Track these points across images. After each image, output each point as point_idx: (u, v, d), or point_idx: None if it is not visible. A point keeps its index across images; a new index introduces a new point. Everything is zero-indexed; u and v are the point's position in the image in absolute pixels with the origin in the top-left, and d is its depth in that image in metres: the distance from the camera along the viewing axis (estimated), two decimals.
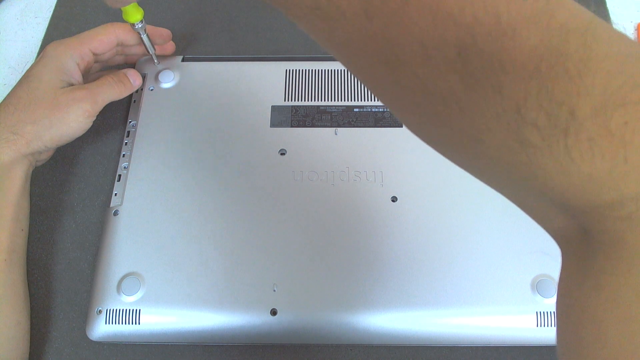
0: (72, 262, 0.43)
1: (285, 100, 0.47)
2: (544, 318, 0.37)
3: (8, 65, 0.54)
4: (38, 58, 0.43)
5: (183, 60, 0.50)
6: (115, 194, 0.43)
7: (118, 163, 0.45)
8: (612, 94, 0.16)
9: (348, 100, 0.47)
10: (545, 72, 0.16)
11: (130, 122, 0.46)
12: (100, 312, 0.38)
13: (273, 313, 0.37)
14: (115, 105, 0.49)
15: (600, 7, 0.56)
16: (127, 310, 0.38)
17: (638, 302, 0.16)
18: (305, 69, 0.48)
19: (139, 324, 0.37)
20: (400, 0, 0.17)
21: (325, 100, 0.47)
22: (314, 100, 0.47)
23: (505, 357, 0.39)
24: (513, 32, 0.16)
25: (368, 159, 0.43)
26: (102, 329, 0.38)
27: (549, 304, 0.37)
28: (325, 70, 0.48)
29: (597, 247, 0.18)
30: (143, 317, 0.38)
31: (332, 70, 0.48)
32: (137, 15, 0.43)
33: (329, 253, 0.39)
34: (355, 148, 0.44)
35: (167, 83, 0.48)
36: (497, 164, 0.19)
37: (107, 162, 0.47)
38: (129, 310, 0.38)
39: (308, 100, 0.47)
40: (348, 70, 0.25)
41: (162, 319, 0.38)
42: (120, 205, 0.42)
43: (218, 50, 0.54)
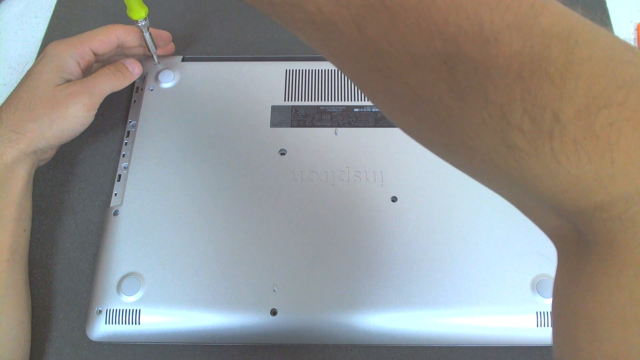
0: (72, 262, 0.43)
1: (285, 100, 0.47)
2: (544, 318, 0.37)
3: (8, 65, 0.54)
4: (39, 57, 0.43)
5: (183, 60, 0.50)
6: (115, 194, 0.43)
7: (118, 163, 0.45)
8: (595, 96, 0.16)
9: (348, 100, 0.47)
10: (528, 77, 0.16)
11: (130, 122, 0.46)
12: (100, 312, 0.38)
13: (273, 313, 0.37)
14: (115, 105, 0.49)
15: (600, 7, 0.56)
16: (127, 310, 0.38)
17: (631, 303, 0.16)
18: (305, 69, 0.48)
19: (139, 324, 0.37)
20: (388, 13, 0.18)
21: (325, 100, 0.47)
22: (314, 100, 0.47)
23: (505, 357, 0.39)
24: (496, 39, 0.17)
25: (368, 159, 0.43)
26: (102, 329, 0.38)
27: (549, 304, 0.37)
28: (325, 70, 0.48)
29: (589, 247, 0.18)
30: (143, 317, 0.38)
31: (332, 70, 0.48)
32: (141, 13, 0.43)
33: (329, 253, 0.39)
34: (355, 148, 0.44)
35: (167, 83, 0.48)
36: (488, 168, 0.19)
37: (107, 162, 0.47)
38: (129, 310, 0.38)
39: (308, 100, 0.47)
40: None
41: (162, 319, 0.38)
42: (120, 205, 0.42)
43: (218, 50, 0.54)
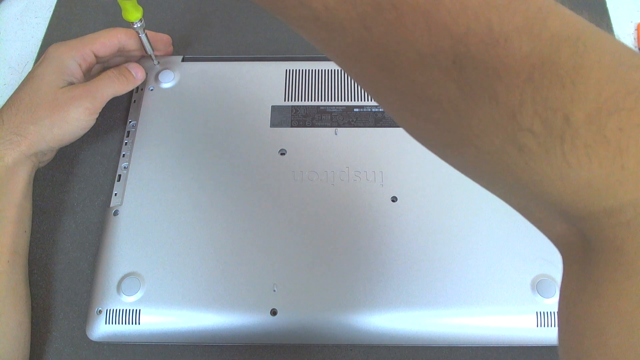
0: (72, 262, 0.43)
1: (285, 100, 0.47)
2: (544, 318, 0.37)
3: (8, 66, 0.54)
4: (40, 59, 0.43)
5: (183, 60, 0.50)
6: (115, 194, 0.43)
7: (118, 163, 0.44)
8: (605, 101, 0.16)
9: (348, 100, 0.47)
10: (539, 79, 0.16)
11: (130, 122, 0.46)
12: (100, 312, 0.38)
13: (273, 313, 0.37)
14: (115, 105, 0.49)
15: (600, 7, 0.56)
16: (127, 310, 0.38)
17: (638, 309, 0.16)
18: (305, 69, 0.48)
19: (139, 324, 0.37)
20: (396, 12, 0.18)
21: (325, 100, 0.47)
22: (314, 100, 0.47)
23: (505, 357, 0.39)
24: (505, 41, 0.17)
25: (368, 159, 0.43)
26: (102, 329, 0.38)
27: (549, 304, 0.37)
28: (325, 70, 0.48)
29: (597, 253, 0.18)
30: (143, 317, 0.38)
31: (332, 70, 0.48)
32: (135, 14, 0.43)
33: (329, 253, 0.39)
34: (355, 148, 0.44)
35: (167, 83, 0.48)
36: (495, 169, 0.19)
37: (107, 162, 0.47)
38: (129, 310, 0.38)
39: (308, 100, 0.47)
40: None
41: (162, 319, 0.38)
42: (120, 205, 0.42)
43: (218, 50, 0.54)
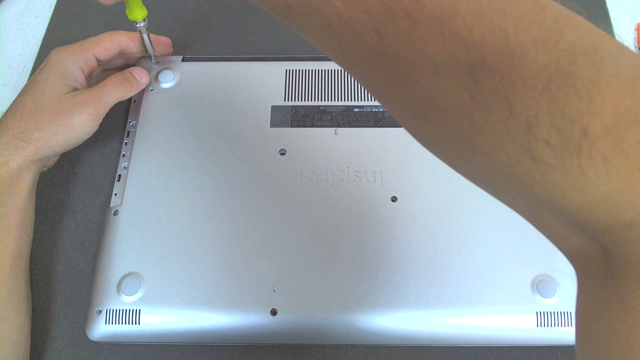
0: (72, 262, 0.43)
1: (285, 100, 0.47)
2: (544, 318, 0.37)
3: (8, 66, 0.54)
4: (42, 64, 0.43)
5: (183, 60, 0.50)
6: (115, 194, 0.43)
7: (118, 163, 0.44)
8: (623, 114, 0.16)
9: (348, 100, 0.47)
10: (555, 91, 0.16)
11: (130, 122, 0.46)
12: (100, 312, 0.38)
13: (273, 313, 0.37)
14: (115, 105, 0.49)
15: (600, 7, 0.56)
16: (127, 310, 0.38)
17: None
18: (305, 69, 0.48)
19: (139, 324, 0.37)
20: (410, 21, 0.18)
21: (325, 100, 0.47)
22: (314, 100, 0.47)
23: (505, 357, 0.39)
24: (521, 52, 0.17)
25: (368, 159, 0.43)
26: (102, 329, 0.38)
27: (549, 304, 0.37)
28: (325, 70, 0.48)
29: (620, 267, 0.17)
30: (143, 317, 0.38)
31: (332, 70, 0.48)
32: (140, 14, 0.43)
33: (329, 253, 0.39)
34: (355, 148, 0.44)
35: (167, 83, 0.48)
36: (508, 180, 0.18)
37: (107, 162, 0.47)
38: (129, 310, 0.38)
39: (308, 100, 0.47)
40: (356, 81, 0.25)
41: (162, 319, 0.38)
42: (120, 205, 0.42)
43: (218, 50, 0.54)
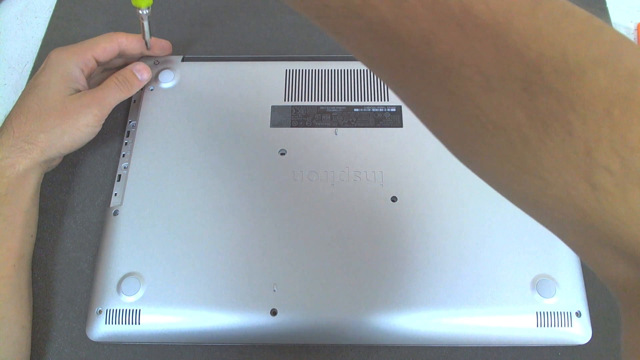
0: (72, 262, 0.43)
1: (285, 100, 0.47)
2: (544, 318, 0.37)
3: (8, 66, 0.54)
4: (42, 66, 0.44)
5: (183, 60, 0.50)
6: (115, 194, 0.43)
7: (118, 163, 0.44)
8: None
9: (348, 100, 0.47)
10: (618, 117, 0.16)
11: (130, 122, 0.46)
12: (100, 312, 0.38)
13: (273, 313, 0.37)
14: (116, 106, 0.49)
15: (600, 7, 0.56)
16: (127, 310, 0.38)
17: None
18: (305, 69, 0.48)
19: (139, 324, 0.37)
20: (462, 31, 0.17)
21: (325, 100, 0.47)
22: (314, 100, 0.47)
23: (505, 357, 0.39)
24: (581, 72, 0.16)
25: (368, 159, 0.43)
26: (102, 329, 0.38)
27: (549, 304, 0.37)
28: (325, 70, 0.48)
29: None
30: (143, 317, 0.38)
31: (332, 70, 0.48)
32: (144, 1, 0.42)
33: (329, 253, 0.39)
34: (355, 148, 0.44)
35: (167, 83, 0.48)
36: (560, 204, 0.18)
37: (107, 162, 0.47)
38: (129, 310, 0.38)
39: (308, 100, 0.47)
40: (384, 83, 0.23)
41: (162, 319, 0.38)
42: (120, 205, 0.42)
43: (218, 50, 0.54)
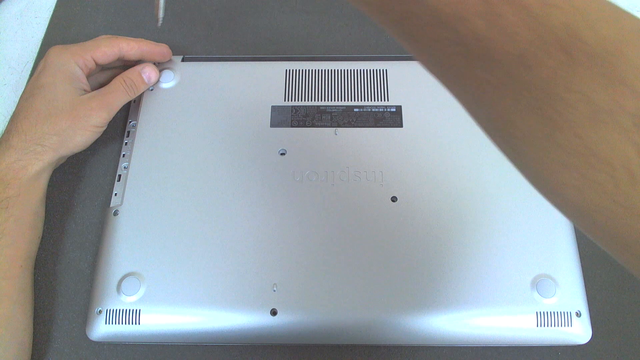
0: (72, 262, 0.43)
1: (285, 100, 0.47)
2: (544, 318, 0.37)
3: (8, 65, 0.54)
4: (42, 65, 0.43)
5: (183, 60, 0.50)
6: (115, 194, 0.43)
7: (118, 163, 0.45)
8: None
9: (348, 100, 0.47)
10: None
11: (130, 122, 0.46)
12: (100, 312, 0.38)
13: (273, 313, 0.37)
14: None
15: None
16: (127, 310, 0.38)
17: None
18: (305, 69, 0.48)
19: (139, 324, 0.37)
20: (567, 57, 0.16)
21: (325, 100, 0.47)
22: (314, 100, 0.47)
23: (505, 357, 0.39)
24: None
25: (368, 159, 0.43)
26: (102, 329, 0.38)
27: (549, 304, 0.37)
28: (325, 70, 0.48)
29: None
30: (143, 317, 0.38)
31: (332, 70, 0.48)
32: None
33: (329, 253, 0.39)
34: (355, 148, 0.44)
35: (167, 83, 0.48)
36: None
37: (107, 162, 0.47)
38: (129, 310, 0.38)
39: (308, 100, 0.47)
40: (463, 102, 0.21)
41: (162, 319, 0.38)
42: (120, 205, 0.42)
43: (218, 50, 0.54)
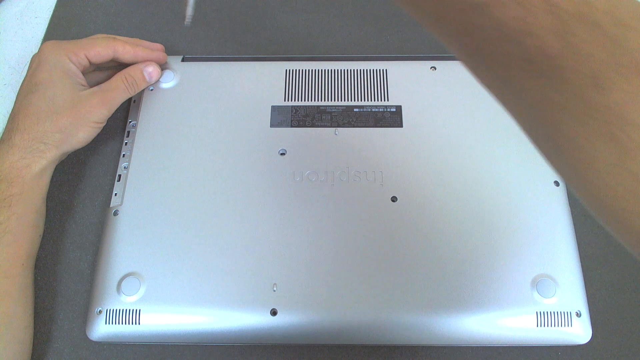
0: (72, 262, 0.43)
1: (285, 100, 0.47)
2: (544, 318, 0.37)
3: (8, 65, 0.54)
4: (37, 61, 0.43)
5: (183, 60, 0.50)
6: (115, 194, 0.43)
7: (118, 163, 0.45)
8: None
9: (348, 100, 0.47)
10: None
11: (130, 122, 0.46)
12: (100, 312, 0.38)
13: (273, 313, 0.37)
14: None
15: None
16: (127, 310, 0.38)
17: None
18: (305, 69, 0.48)
19: (139, 324, 0.37)
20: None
21: (325, 100, 0.47)
22: (314, 100, 0.47)
23: (505, 357, 0.39)
24: None
25: (368, 159, 0.43)
26: (102, 329, 0.38)
27: (549, 304, 0.37)
28: (325, 70, 0.48)
29: None
30: (143, 317, 0.38)
31: (332, 70, 0.48)
32: None
33: (329, 253, 0.39)
34: (355, 148, 0.44)
35: (167, 83, 0.48)
36: None
37: (107, 162, 0.47)
38: (129, 310, 0.38)
39: (308, 100, 0.47)
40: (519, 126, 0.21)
41: (162, 319, 0.38)
42: (120, 205, 0.42)
43: (218, 50, 0.54)
